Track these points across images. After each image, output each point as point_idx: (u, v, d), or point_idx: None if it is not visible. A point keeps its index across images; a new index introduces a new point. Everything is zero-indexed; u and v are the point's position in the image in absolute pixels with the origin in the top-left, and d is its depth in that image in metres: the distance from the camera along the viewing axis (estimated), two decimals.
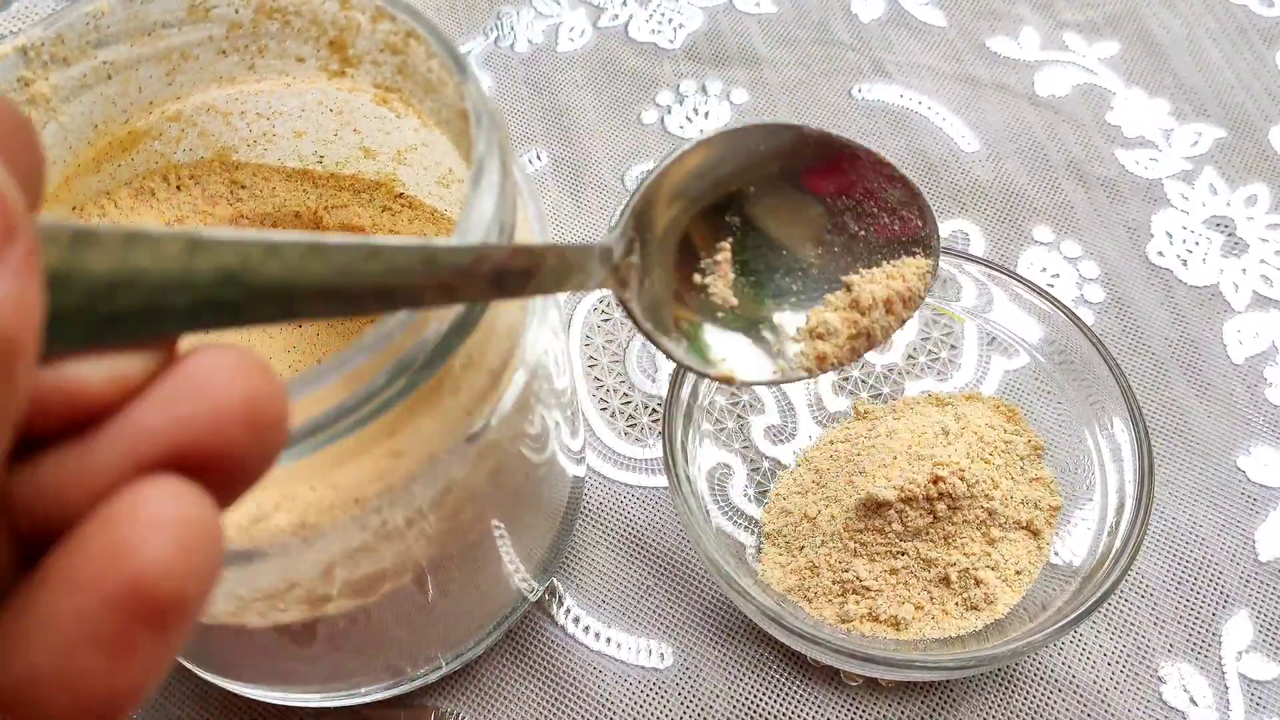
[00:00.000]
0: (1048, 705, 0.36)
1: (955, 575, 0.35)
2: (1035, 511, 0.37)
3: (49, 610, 0.13)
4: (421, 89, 0.29)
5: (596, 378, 0.43)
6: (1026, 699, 0.36)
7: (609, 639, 0.38)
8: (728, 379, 0.28)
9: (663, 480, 0.41)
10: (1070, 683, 0.36)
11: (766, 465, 0.40)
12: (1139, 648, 0.37)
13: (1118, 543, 0.34)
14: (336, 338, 0.34)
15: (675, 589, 0.39)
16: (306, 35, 0.30)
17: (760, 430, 0.41)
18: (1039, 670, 0.37)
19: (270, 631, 0.28)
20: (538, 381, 0.28)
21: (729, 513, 0.39)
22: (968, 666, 0.33)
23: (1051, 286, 0.45)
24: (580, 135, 0.51)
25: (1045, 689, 0.36)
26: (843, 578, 0.35)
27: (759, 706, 0.36)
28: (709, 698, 0.36)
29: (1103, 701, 0.36)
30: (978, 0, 0.55)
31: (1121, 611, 0.38)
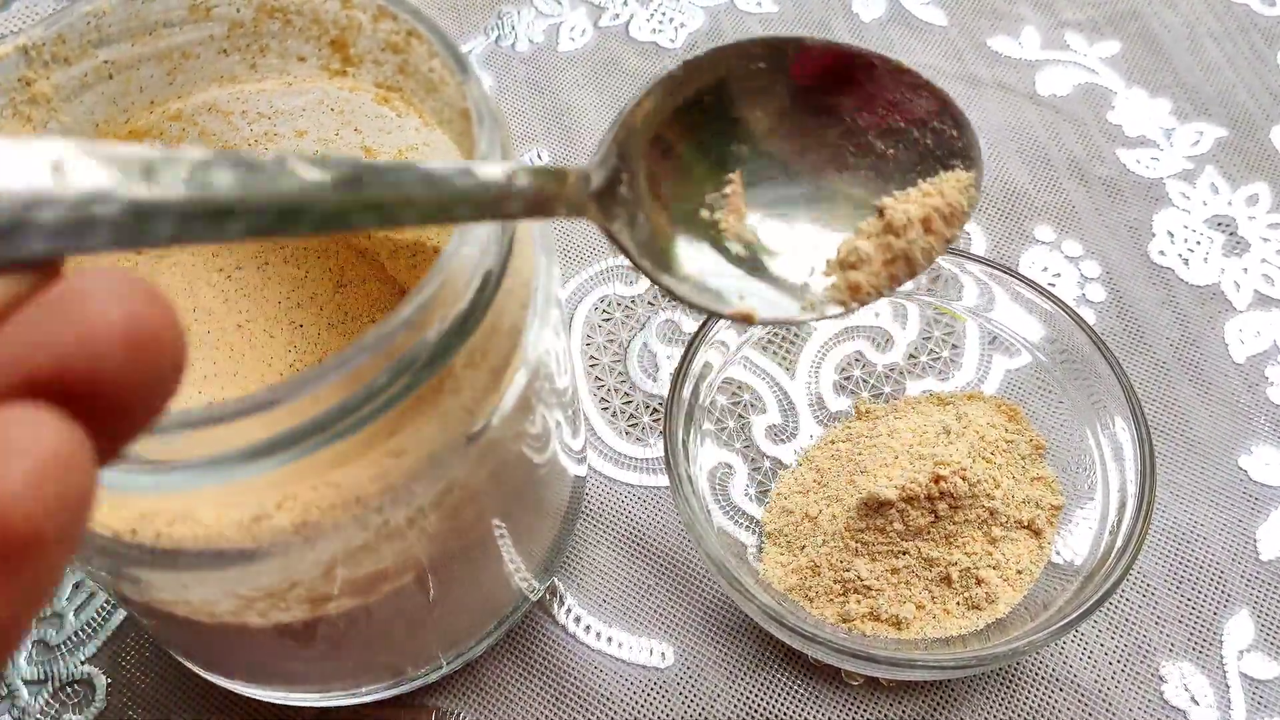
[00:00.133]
0: (1049, 704, 0.36)
1: (956, 574, 0.35)
2: (1036, 511, 0.37)
3: None
4: (423, 88, 0.29)
5: (598, 377, 0.43)
6: (1028, 698, 0.36)
7: (610, 638, 0.38)
8: (746, 317, 0.25)
9: (664, 480, 0.41)
10: (1071, 682, 0.36)
11: (768, 464, 0.40)
12: (1140, 647, 0.37)
13: (1119, 542, 0.34)
14: (338, 338, 0.34)
15: (676, 588, 0.39)
16: (308, 34, 0.30)
17: (761, 430, 0.41)
18: (1040, 669, 0.37)
19: (271, 631, 0.28)
20: (539, 381, 0.28)
21: (730, 512, 0.39)
22: (969, 666, 0.33)
23: (1053, 286, 0.45)
24: (581, 134, 0.51)
25: (1046, 688, 0.36)
26: (844, 577, 0.35)
27: (760, 706, 0.36)
28: (710, 697, 0.36)
29: (1104, 700, 0.36)
30: (979, 0, 0.55)
31: (1123, 611, 0.38)
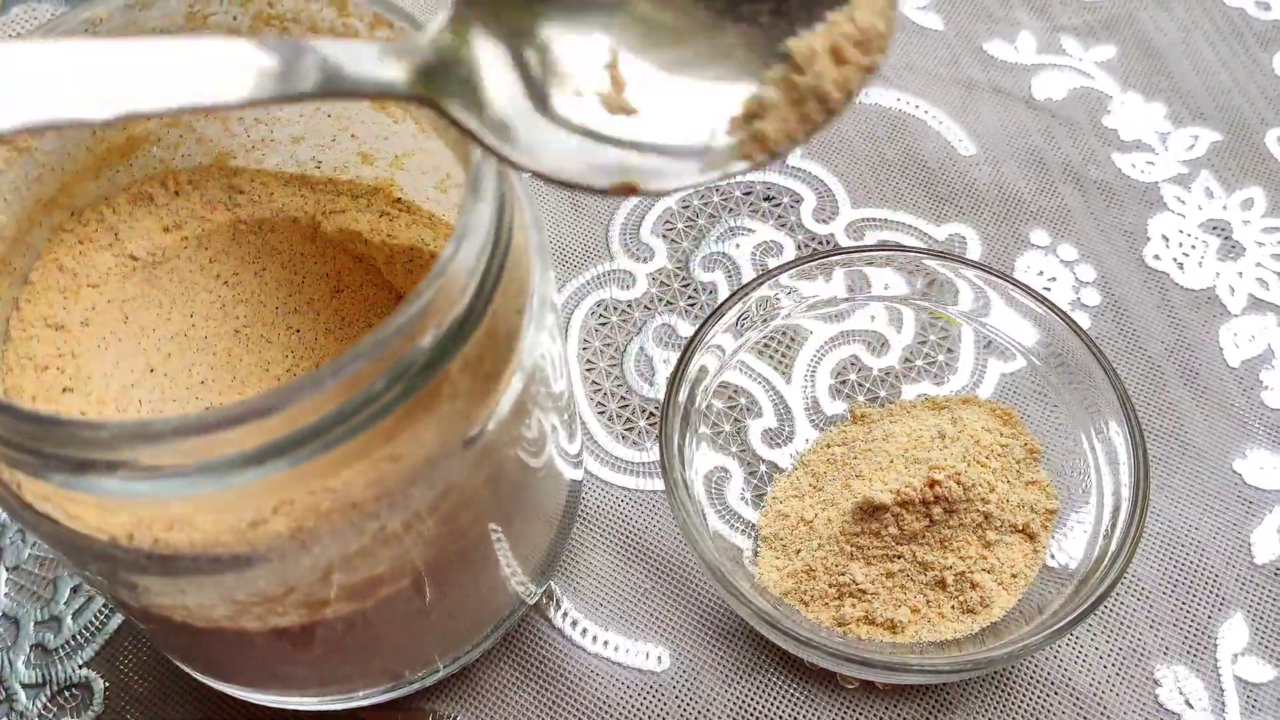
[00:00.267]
0: (1044, 708, 0.36)
1: (951, 578, 0.35)
2: (1031, 515, 0.37)
3: None
4: None
5: (594, 381, 0.44)
6: (1023, 702, 0.36)
7: (606, 642, 0.38)
8: (627, 189, 0.23)
9: (660, 484, 0.41)
10: (1066, 685, 0.37)
11: (763, 469, 0.40)
12: (1135, 650, 0.37)
13: (1113, 546, 0.34)
14: (335, 343, 0.34)
15: (672, 592, 0.39)
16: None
17: (757, 434, 0.41)
18: (1035, 673, 0.37)
19: (268, 635, 0.28)
20: (535, 386, 0.28)
21: (726, 516, 0.39)
22: (964, 669, 0.33)
23: (1048, 290, 0.45)
24: None
25: (1041, 692, 0.36)
26: (839, 581, 0.36)
27: (756, 709, 0.36)
28: (706, 701, 0.37)
29: (1099, 704, 0.36)
30: (975, 4, 0.55)
31: (1117, 614, 0.38)
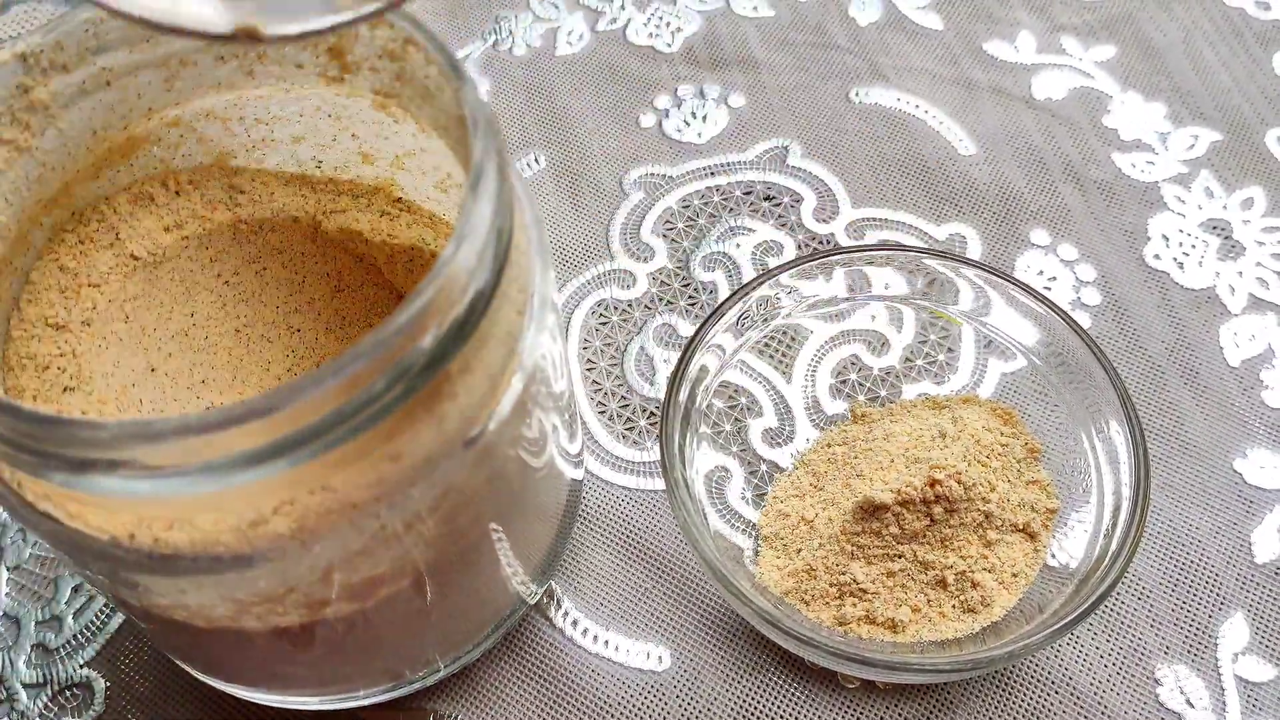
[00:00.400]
0: (1044, 707, 0.36)
1: (952, 578, 0.35)
2: (1032, 514, 0.37)
3: None
4: (419, 95, 0.29)
5: (594, 381, 0.44)
6: (1023, 701, 0.36)
7: (607, 642, 0.38)
8: (249, 32, 0.22)
9: (660, 483, 0.41)
10: (1067, 685, 0.37)
11: (764, 468, 0.40)
12: (1135, 650, 0.37)
13: (1114, 545, 0.34)
14: (336, 343, 0.34)
15: (673, 592, 0.39)
16: (305, 42, 0.30)
17: (758, 433, 0.41)
18: (1036, 672, 0.37)
19: (268, 635, 0.28)
20: (535, 385, 0.28)
21: (726, 516, 0.39)
22: (964, 669, 0.33)
23: (1048, 290, 0.45)
24: (578, 139, 0.51)
25: (1042, 691, 0.36)
26: (840, 580, 0.36)
27: (756, 709, 0.36)
28: (707, 700, 0.37)
29: (1099, 703, 0.36)
30: (974, 4, 0.55)
31: (1118, 614, 0.38)
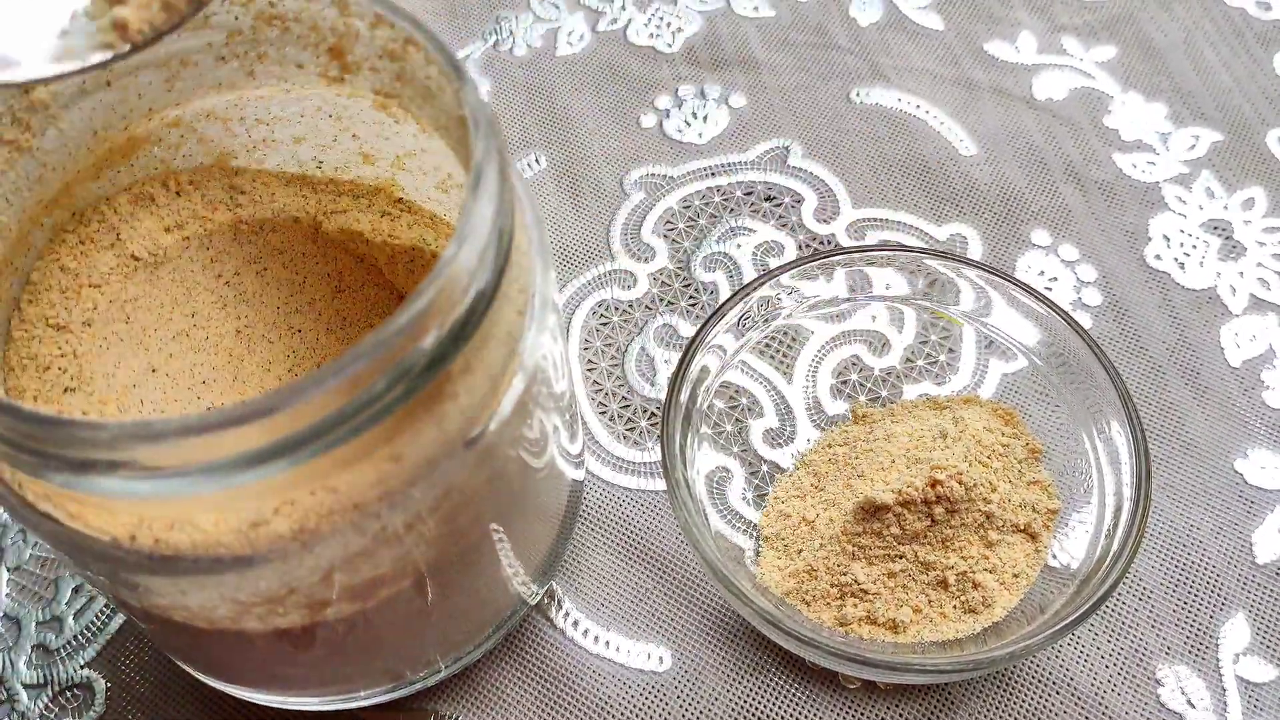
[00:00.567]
0: (1045, 708, 0.36)
1: (953, 578, 0.35)
2: (1033, 514, 0.37)
3: None
4: (420, 95, 0.29)
5: (595, 382, 0.44)
6: (1024, 702, 0.36)
7: (608, 642, 0.38)
8: None
9: (661, 484, 0.41)
10: (1068, 685, 0.37)
11: (765, 469, 0.40)
12: (1136, 650, 0.37)
13: (1115, 545, 0.34)
14: (337, 343, 0.34)
15: (674, 592, 0.39)
16: (305, 42, 0.30)
17: (759, 434, 0.41)
18: (1037, 673, 0.37)
19: (269, 635, 0.28)
20: (536, 386, 0.28)
21: (727, 516, 0.39)
22: (965, 669, 0.33)
23: (1049, 290, 0.45)
24: (579, 139, 0.51)
25: (1043, 691, 0.36)
26: (841, 581, 0.36)
27: (757, 709, 0.36)
28: (708, 701, 0.37)
29: (1100, 704, 0.36)
30: (975, 4, 0.55)
31: (1119, 614, 0.38)
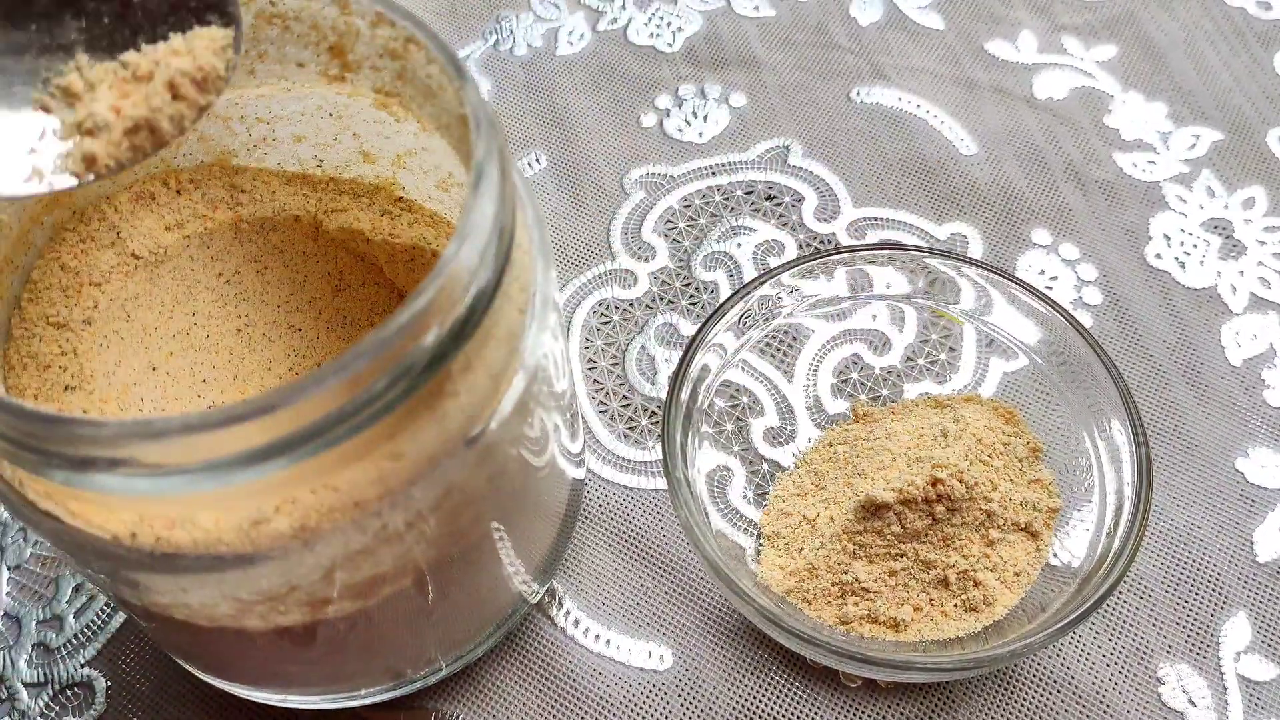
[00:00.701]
0: (1046, 706, 0.36)
1: (954, 577, 0.35)
2: (1034, 513, 0.37)
3: None
4: (421, 94, 0.29)
5: (596, 380, 0.44)
6: (1025, 700, 0.36)
7: (609, 641, 0.38)
8: None
9: (662, 483, 0.41)
10: (1069, 684, 0.37)
11: (766, 467, 0.40)
12: (1137, 649, 0.37)
13: (1116, 544, 0.34)
14: (337, 342, 0.34)
15: (675, 591, 0.39)
16: (306, 41, 0.30)
17: (759, 432, 0.41)
18: (1038, 671, 0.37)
19: (270, 634, 0.28)
20: (537, 385, 0.28)
21: (728, 515, 0.39)
22: (966, 668, 0.33)
23: (1050, 289, 0.45)
24: (579, 138, 0.51)
25: (1044, 690, 0.36)
26: (842, 579, 0.36)
27: (758, 708, 0.36)
28: (708, 699, 0.37)
29: (1101, 702, 0.36)
30: (976, 4, 0.55)
31: (1120, 613, 0.38)
